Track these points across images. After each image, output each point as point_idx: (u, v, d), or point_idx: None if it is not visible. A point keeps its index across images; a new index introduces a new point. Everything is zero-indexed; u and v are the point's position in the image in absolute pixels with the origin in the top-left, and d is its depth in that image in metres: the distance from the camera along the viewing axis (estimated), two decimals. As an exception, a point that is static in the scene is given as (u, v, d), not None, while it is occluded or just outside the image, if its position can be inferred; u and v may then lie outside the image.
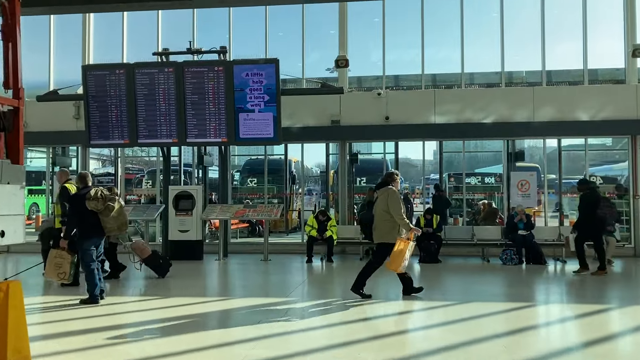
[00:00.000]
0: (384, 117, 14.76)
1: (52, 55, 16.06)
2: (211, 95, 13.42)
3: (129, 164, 31.30)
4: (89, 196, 8.02)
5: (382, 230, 8.66)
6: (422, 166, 16.62)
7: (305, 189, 24.21)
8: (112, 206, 8.05)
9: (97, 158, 27.93)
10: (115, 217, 8.16)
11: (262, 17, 15.60)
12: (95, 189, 8.15)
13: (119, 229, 8.32)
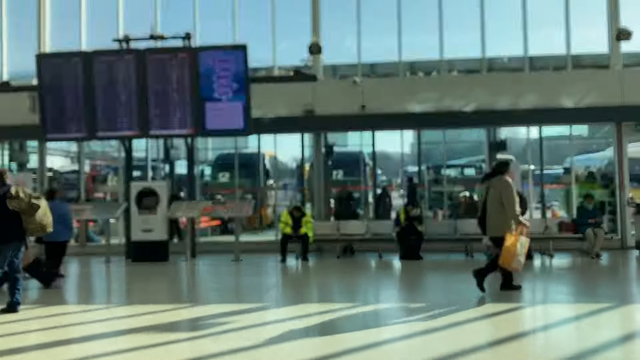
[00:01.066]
0: (360, 106, 13.90)
1: (5, 43, 14.85)
2: (175, 84, 12.43)
3: (99, 160, 30.12)
4: (10, 195, 7.10)
5: (496, 223, 8.00)
6: (401, 157, 15.77)
7: (280, 183, 23.35)
8: (38, 205, 7.12)
9: (67, 155, 26.69)
10: (41, 217, 7.23)
11: (230, 2, 14.62)
12: (15, 187, 7.23)
13: (42, 229, 7.37)
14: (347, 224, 13.01)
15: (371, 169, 18.14)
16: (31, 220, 7.12)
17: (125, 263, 12.59)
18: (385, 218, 15.06)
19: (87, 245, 14.28)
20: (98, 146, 26.37)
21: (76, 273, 11.55)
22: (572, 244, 12.82)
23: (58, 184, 30.03)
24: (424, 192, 16.54)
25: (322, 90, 13.99)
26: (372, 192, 17.10)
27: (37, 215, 7.11)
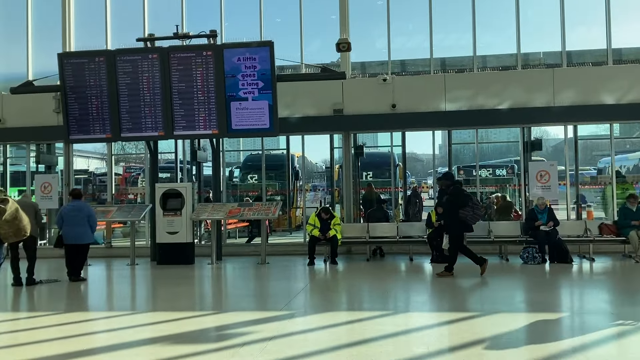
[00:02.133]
0: (390, 105, 13.29)
1: (30, 43, 14.64)
2: (200, 82, 11.99)
3: (132, 162, 30.00)
4: None
5: None
6: (433, 158, 15.10)
7: (310, 185, 22.89)
8: (3, 209, 6.69)
9: (102, 157, 26.60)
10: (8, 222, 6.79)
11: (257, 1, 14.14)
12: None
13: (15, 235, 6.94)
14: (376, 226, 12.40)
15: (401, 170, 17.51)
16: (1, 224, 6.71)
17: (150, 266, 12.20)
18: (416, 220, 14.41)
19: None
20: (132, 148, 26.34)
21: (99, 276, 11.20)
22: (614, 247, 12.03)
23: (93, 186, 30.11)
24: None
25: (351, 88, 13.42)
26: (403, 193, 16.47)
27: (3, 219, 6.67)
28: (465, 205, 9.59)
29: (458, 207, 9.61)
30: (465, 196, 9.79)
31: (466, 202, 9.62)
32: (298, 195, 20.75)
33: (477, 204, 9.88)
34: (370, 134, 19.67)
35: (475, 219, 9.82)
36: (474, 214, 9.70)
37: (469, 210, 9.61)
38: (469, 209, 9.61)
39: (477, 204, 9.88)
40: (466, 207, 9.58)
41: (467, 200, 9.68)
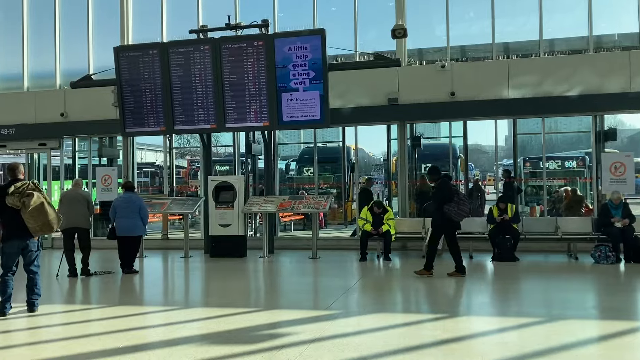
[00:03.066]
0: (448, 93, 12.50)
1: (91, 38, 14.78)
2: (251, 74, 11.65)
3: (198, 155, 30.50)
4: (7, 191, 6.52)
5: None
6: (495, 149, 14.13)
7: (366, 177, 22.30)
8: (28, 202, 6.44)
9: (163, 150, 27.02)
10: (33, 216, 6.53)
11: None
12: (20, 183, 6.62)
13: (41, 230, 6.68)
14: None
15: (463, 162, 16.66)
16: (26, 218, 6.49)
17: (203, 258, 12.02)
18: (477, 214, 13.58)
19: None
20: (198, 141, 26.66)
21: (152, 269, 11.09)
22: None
23: (159, 178, 30.60)
24: (519, 187, 14.81)
25: (407, 76, 12.74)
26: (464, 186, 15.60)
27: (28, 212, 6.45)
28: (451, 200, 8.97)
29: (443, 203, 8.99)
30: (451, 191, 9.15)
31: (451, 197, 9.00)
32: (353, 188, 20.25)
33: (463, 200, 9.17)
34: (430, 125, 18.87)
35: (460, 215, 9.10)
36: (458, 210, 9.02)
37: (454, 206, 8.97)
38: (453, 204, 8.97)
39: (463, 200, 9.17)
40: (451, 203, 8.97)
41: (452, 195, 9.05)
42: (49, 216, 6.54)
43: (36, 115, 14.58)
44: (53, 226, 6.62)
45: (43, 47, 15.12)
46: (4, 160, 19.47)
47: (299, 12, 14.55)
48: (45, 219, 6.52)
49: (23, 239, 6.66)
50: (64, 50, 15.03)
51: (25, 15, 15.21)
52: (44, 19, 15.19)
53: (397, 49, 12.94)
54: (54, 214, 6.61)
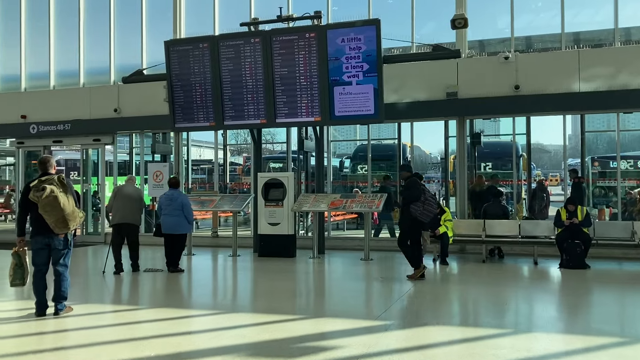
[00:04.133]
0: (512, 86, 11.54)
1: (144, 33, 14.60)
2: (302, 67, 11.09)
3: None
4: (30, 185, 6.20)
5: None
6: (564, 147, 12.97)
7: (423, 176, 21.46)
8: (40, 197, 6.02)
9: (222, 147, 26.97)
10: (47, 211, 6.08)
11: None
12: (45, 177, 6.25)
13: (56, 226, 6.23)
14: (494, 223, 10.76)
15: (525, 161, 15.60)
16: (42, 213, 6.10)
17: (251, 258, 11.56)
18: (542, 217, 12.55)
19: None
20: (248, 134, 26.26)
21: (199, 268, 10.70)
22: None
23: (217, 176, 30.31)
24: (588, 188, 13.64)
25: (467, 69, 11.85)
26: (527, 186, 14.51)
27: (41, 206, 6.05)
28: (417, 199, 8.55)
29: (410, 202, 8.57)
30: (418, 190, 8.64)
31: (418, 196, 8.57)
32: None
33: (430, 200, 8.66)
34: (490, 122, 17.85)
35: (426, 216, 8.63)
36: (423, 210, 8.56)
37: (420, 206, 8.55)
38: (419, 204, 8.56)
39: (430, 200, 8.66)
40: (417, 202, 8.55)
41: (419, 194, 8.58)
42: (64, 211, 6.13)
43: (91, 111, 14.55)
44: (68, 223, 6.20)
45: (98, 43, 15.07)
46: (63, 156, 19.80)
47: (353, 5, 13.86)
48: (59, 214, 6.12)
49: (46, 236, 6.31)
50: (118, 46, 14.94)
51: (82, 12, 15.21)
52: (99, 15, 15.14)
53: (456, 40, 12.07)
54: (70, 209, 6.20)
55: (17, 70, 15.82)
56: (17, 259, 6.49)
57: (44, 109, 14.96)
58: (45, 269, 6.48)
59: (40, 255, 6.42)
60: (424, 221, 8.71)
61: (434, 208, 8.70)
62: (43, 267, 6.46)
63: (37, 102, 15.18)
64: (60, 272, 6.47)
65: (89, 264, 11.62)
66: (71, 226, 6.29)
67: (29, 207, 6.30)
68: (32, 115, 15.09)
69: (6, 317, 6.51)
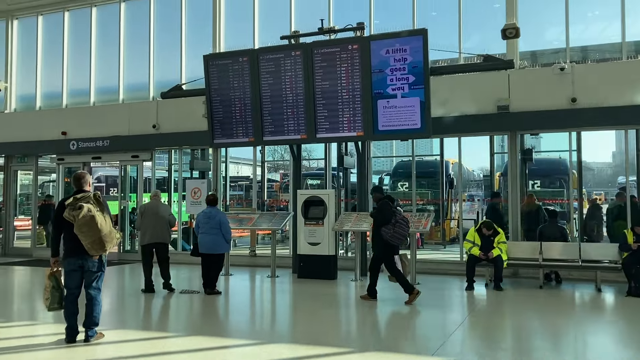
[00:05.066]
0: (569, 99, 10.69)
1: (184, 49, 14.30)
2: (344, 80, 10.52)
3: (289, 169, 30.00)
4: (65, 203, 5.74)
5: None
6: (625, 164, 11.91)
7: (465, 194, 20.64)
8: (77, 216, 5.52)
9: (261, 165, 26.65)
10: (83, 231, 5.57)
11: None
12: (81, 194, 5.81)
13: (92, 247, 5.71)
14: (551, 245, 9.86)
15: (575, 179, 14.64)
16: (77, 233, 5.61)
17: (290, 279, 10.95)
18: (598, 238, 11.57)
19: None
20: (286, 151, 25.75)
21: (236, 290, 10.13)
22: None
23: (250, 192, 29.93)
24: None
25: (518, 81, 11.07)
26: (577, 206, 13.50)
27: (77, 226, 5.56)
28: (388, 222, 8.34)
29: (381, 225, 8.38)
30: (389, 213, 8.41)
31: (388, 219, 8.35)
32: (452, 205, 18.62)
33: (401, 222, 8.41)
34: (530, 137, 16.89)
35: (396, 239, 8.37)
36: (394, 233, 8.33)
37: (390, 229, 8.34)
38: (390, 226, 8.34)
39: (401, 222, 8.41)
40: (388, 225, 8.34)
41: (389, 217, 8.37)
42: (101, 232, 5.65)
43: (130, 127, 14.28)
44: (105, 244, 5.71)
45: (138, 59, 14.87)
46: (104, 173, 19.68)
47: (395, 18, 13.23)
48: (96, 235, 5.64)
49: (80, 257, 5.85)
50: (157, 62, 14.69)
51: (122, 30, 15.05)
52: (139, 31, 14.95)
53: (507, 51, 11.30)
54: (107, 230, 5.71)
55: (59, 88, 15.75)
56: (54, 281, 6.05)
57: (84, 125, 14.80)
58: (77, 292, 6.02)
59: (72, 277, 5.96)
60: (395, 244, 8.42)
61: (404, 231, 8.44)
62: (75, 290, 6.00)
63: (77, 118, 15.03)
64: (92, 295, 5.99)
65: (125, 283, 11.21)
66: (108, 248, 5.83)
67: (62, 226, 5.86)
68: (72, 132, 14.94)
69: (36, 343, 6.08)
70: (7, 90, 16.29)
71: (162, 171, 15.55)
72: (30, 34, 16.26)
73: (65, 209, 5.76)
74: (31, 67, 16.18)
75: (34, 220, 15.99)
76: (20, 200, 17.47)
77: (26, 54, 16.38)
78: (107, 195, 19.40)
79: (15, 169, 16.42)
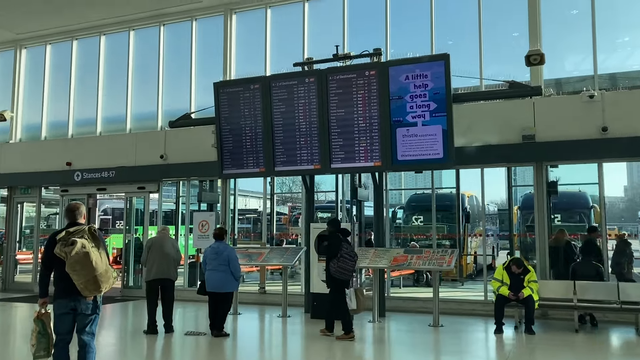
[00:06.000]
0: (599, 128, 9.99)
1: (193, 79, 13.81)
2: (361, 107, 9.90)
3: (298, 202, 29.11)
4: (56, 237, 5.00)
5: None
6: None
7: (481, 228, 19.86)
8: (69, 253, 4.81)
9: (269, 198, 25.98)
10: (75, 270, 4.83)
11: (427, 24, 11.83)
12: (74, 228, 5.09)
13: (86, 287, 4.97)
14: (587, 285, 9.01)
15: (597, 213, 13.87)
16: (69, 271, 4.90)
17: (302, 319, 10.14)
18: (627, 277, 10.69)
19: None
20: (299, 186, 25.05)
21: (245, 332, 9.32)
22: None
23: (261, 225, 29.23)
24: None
25: (544, 109, 10.41)
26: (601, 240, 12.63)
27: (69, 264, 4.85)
28: (334, 256, 8.25)
29: (330, 258, 8.34)
30: (335, 246, 8.33)
31: (334, 253, 8.26)
32: (469, 240, 17.85)
33: (345, 256, 8.25)
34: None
35: (340, 273, 8.24)
36: (337, 267, 8.21)
37: (335, 263, 8.24)
38: (335, 260, 8.24)
39: (345, 256, 8.25)
40: (334, 259, 8.24)
41: (335, 251, 8.28)
42: (96, 270, 4.92)
43: (136, 158, 13.68)
44: (100, 284, 4.99)
45: (146, 87, 14.38)
46: (111, 205, 19.06)
47: (412, 46, 12.66)
48: (90, 274, 4.91)
49: (72, 299, 5.10)
50: (166, 91, 14.18)
51: (131, 57, 14.62)
52: (147, 59, 14.51)
53: (531, 78, 10.68)
54: (103, 268, 4.99)
55: (65, 117, 15.27)
56: (41, 326, 5.30)
57: (89, 155, 14.22)
58: (69, 338, 5.26)
59: (64, 321, 5.20)
60: (340, 278, 8.27)
61: (349, 265, 8.26)
62: (67, 335, 5.24)
63: (82, 148, 14.48)
64: (86, 342, 5.23)
65: (126, 323, 10.43)
66: (103, 288, 5.09)
67: (53, 264, 5.15)
68: (77, 162, 14.36)
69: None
70: (13, 120, 15.82)
71: (170, 203, 14.90)
72: (38, 63, 15.88)
73: (56, 244, 5.06)
74: (38, 96, 15.75)
75: (36, 254, 15.28)
76: (25, 233, 16.83)
77: (33, 84, 15.98)
78: (113, 228, 18.73)
79: (19, 201, 15.80)
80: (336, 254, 8.21)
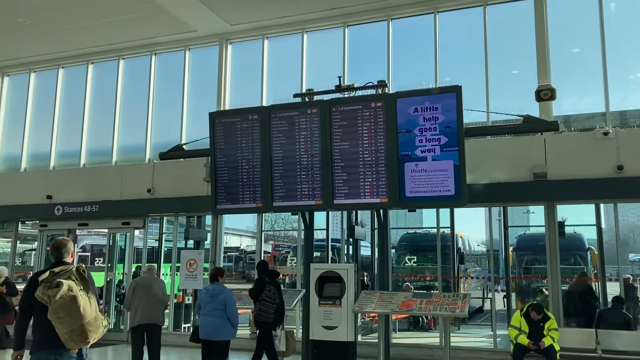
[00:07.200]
0: (614, 166, 9.48)
1: (185, 110, 13.11)
2: (366, 140, 9.24)
3: (281, 240, 28.16)
4: (38, 279, 4.20)
5: None
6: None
7: (473, 270, 19.26)
8: (53, 297, 4.00)
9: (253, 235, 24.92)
10: (59, 317, 4.01)
11: (431, 57, 11.41)
12: (60, 268, 4.26)
13: (70, 338, 4.10)
14: (614, 334, 8.29)
15: (594, 255, 13.29)
16: (51, 319, 4.07)
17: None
18: (634, 324, 9.99)
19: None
20: (282, 224, 24.02)
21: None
22: None
23: (243, 264, 28.18)
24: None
25: (556, 146, 9.92)
26: (599, 284, 11.95)
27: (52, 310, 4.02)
28: (256, 299, 8.49)
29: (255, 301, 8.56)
30: (259, 289, 8.53)
31: (257, 295, 8.49)
32: (463, 282, 17.12)
33: (265, 299, 8.44)
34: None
35: (259, 316, 8.44)
36: (258, 310, 8.48)
37: (257, 306, 8.52)
38: (257, 304, 8.49)
39: (265, 299, 8.44)
40: (256, 303, 8.50)
41: (258, 293, 8.49)
42: (83, 318, 4.07)
43: (122, 191, 12.79)
44: (88, 335, 4.12)
45: (135, 118, 13.63)
46: (90, 241, 17.97)
47: (414, 81, 12.23)
48: (77, 322, 4.05)
49: (54, 351, 4.20)
50: (156, 122, 13.48)
51: (120, 86, 13.90)
52: (137, 89, 13.82)
53: (540, 114, 10.20)
54: (92, 316, 4.13)
55: (47, 148, 14.38)
56: None
57: (72, 188, 13.30)
58: None
59: None
60: (261, 321, 8.42)
61: (269, 308, 8.40)
62: None
63: (64, 181, 13.57)
64: None
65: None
66: (91, 339, 4.19)
67: (33, 309, 4.27)
68: (58, 196, 13.40)
69: None
70: (-8, 150, 14.87)
71: (154, 240, 13.93)
72: (21, 91, 15.09)
73: (38, 287, 4.18)
74: (19, 126, 14.89)
75: (8, 293, 14.04)
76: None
77: (15, 112, 15.14)
78: (92, 265, 17.60)
79: (-7, 236, 14.69)
80: (258, 298, 8.37)
